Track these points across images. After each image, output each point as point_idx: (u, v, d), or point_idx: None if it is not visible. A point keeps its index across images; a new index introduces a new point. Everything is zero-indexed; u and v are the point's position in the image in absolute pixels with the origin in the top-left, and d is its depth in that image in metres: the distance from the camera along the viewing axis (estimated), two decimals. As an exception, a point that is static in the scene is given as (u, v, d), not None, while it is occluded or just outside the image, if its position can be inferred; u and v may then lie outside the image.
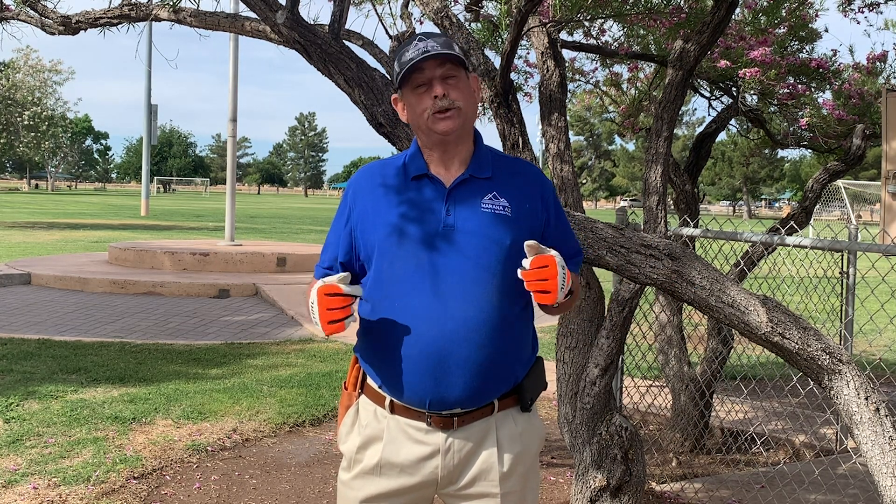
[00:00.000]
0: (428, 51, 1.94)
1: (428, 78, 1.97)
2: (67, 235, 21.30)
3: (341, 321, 1.86)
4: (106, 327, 8.71)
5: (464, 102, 1.99)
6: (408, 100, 2.01)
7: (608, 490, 3.24)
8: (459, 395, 1.95)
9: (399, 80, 2.00)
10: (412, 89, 1.99)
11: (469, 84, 2.02)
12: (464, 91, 2.00)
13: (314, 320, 1.89)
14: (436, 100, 1.96)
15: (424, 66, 1.96)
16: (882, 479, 2.22)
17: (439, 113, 1.96)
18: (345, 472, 2.08)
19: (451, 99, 1.96)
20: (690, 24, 3.86)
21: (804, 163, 63.17)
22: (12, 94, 33.24)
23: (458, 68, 1.99)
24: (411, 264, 1.96)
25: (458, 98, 1.98)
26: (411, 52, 1.96)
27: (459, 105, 1.98)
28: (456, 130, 1.99)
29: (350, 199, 2.09)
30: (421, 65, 1.95)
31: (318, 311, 1.86)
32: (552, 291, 1.85)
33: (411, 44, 1.98)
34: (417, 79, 1.97)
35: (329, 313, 1.85)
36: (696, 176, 5.53)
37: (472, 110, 2.03)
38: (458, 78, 1.99)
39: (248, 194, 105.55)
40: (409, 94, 2.00)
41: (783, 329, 2.41)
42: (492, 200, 2.01)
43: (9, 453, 4.59)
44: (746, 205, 76.25)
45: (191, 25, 3.90)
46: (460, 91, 1.99)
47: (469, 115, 2.02)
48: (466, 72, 2.02)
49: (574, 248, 2.15)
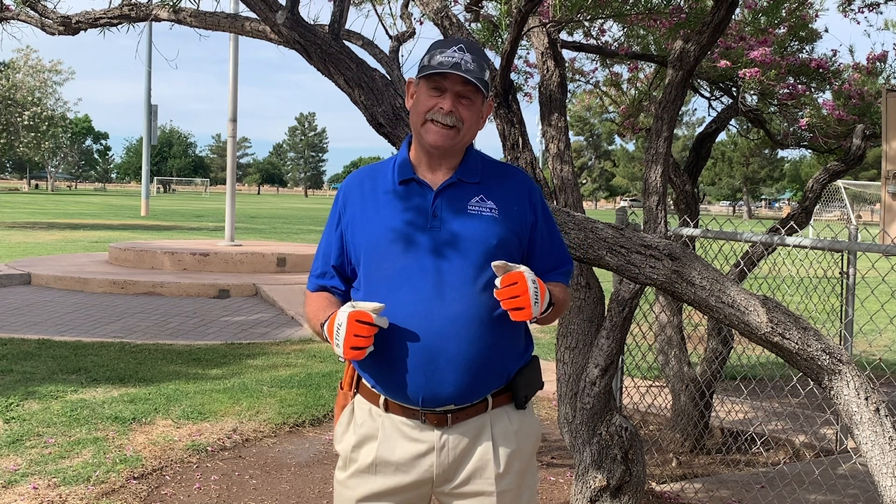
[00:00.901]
0: (460, 66, 1.96)
1: (445, 87, 1.99)
2: (67, 235, 21.30)
3: (363, 349, 1.87)
4: (106, 327, 8.71)
5: (466, 125, 2.02)
6: (419, 92, 2.04)
7: (608, 490, 3.24)
8: (451, 392, 1.96)
9: (420, 72, 2.02)
10: (427, 87, 2.01)
11: (481, 108, 2.05)
12: (473, 114, 2.03)
13: (336, 342, 1.88)
14: (440, 111, 1.98)
15: (449, 77, 1.98)
16: (882, 479, 2.22)
17: (436, 123, 1.98)
18: (341, 472, 2.09)
19: (456, 118, 1.99)
20: (690, 24, 3.86)
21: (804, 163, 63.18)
22: (12, 94, 33.22)
23: (477, 93, 2.01)
24: (399, 265, 1.98)
25: (464, 119, 2.01)
26: (447, 58, 1.98)
27: (460, 126, 2.00)
28: (444, 148, 2.02)
29: (340, 205, 2.12)
30: (447, 74, 1.98)
31: (345, 335, 1.86)
32: (525, 307, 1.87)
33: (451, 47, 2.00)
34: (437, 82, 2.00)
35: (354, 339, 1.86)
36: (696, 176, 5.53)
37: (471, 133, 2.06)
38: (473, 102, 2.02)
39: (248, 194, 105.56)
40: (423, 88, 2.02)
41: (783, 329, 2.41)
42: (479, 203, 2.03)
43: (9, 453, 4.59)
44: (746, 205, 76.25)
45: (191, 25, 3.90)
46: (470, 113, 2.02)
47: (466, 138, 2.05)
48: (484, 98, 2.04)
49: (559, 258, 2.15)
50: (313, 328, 2.08)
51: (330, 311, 2.01)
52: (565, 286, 2.15)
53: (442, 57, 1.98)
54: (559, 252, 2.16)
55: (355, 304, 1.91)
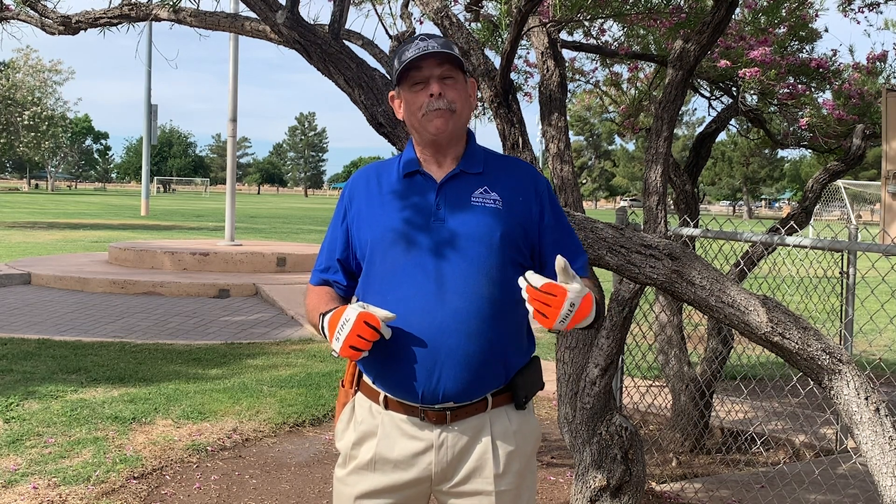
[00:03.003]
0: (428, 49, 1.96)
1: (426, 76, 1.99)
2: (67, 235, 21.30)
3: (360, 352, 1.87)
4: (106, 327, 8.71)
5: (459, 104, 2.01)
6: (405, 97, 2.03)
7: (608, 490, 3.24)
8: (451, 388, 1.95)
9: (397, 77, 2.02)
10: (409, 87, 2.01)
11: (466, 87, 2.05)
12: (460, 93, 2.02)
13: (337, 336, 1.87)
14: (431, 98, 1.98)
15: (423, 65, 1.98)
16: (882, 479, 2.22)
17: (433, 112, 1.98)
18: (340, 469, 2.10)
19: (447, 99, 1.99)
20: (690, 24, 3.86)
21: (804, 163, 63.11)
22: (12, 94, 33.23)
23: (456, 70, 2.01)
24: (402, 259, 1.98)
25: (455, 99, 2.00)
26: (411, 51, 1.98)
27: (454, 107, 2.00)
28: (448, 130, 2.01)
29: (346, 200, 2.13)
30: (419, 63, 1.98)
31: (349, 332, 1.85)
32: (549, 318, 1.80)
33: (412, 43, 2.00)
34: (415, 76, 1.99)
35: (357, 339, 1.85)
36: (696, 176, 5.53)
37: (466, 113, 2.05)
38: (456, 80, 2.01)
39: (248, 194, 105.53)
40: (406, 91, 2.02)
41: (783, 329, 2.41)
42: (482, 194, 2.03)
43: (9, 453, 4.59)
44: (746, 205, 76.23)
45: (191, 25, 3.90)
46: (457, 92, 2.01)
47: (463, 118, 2.04)
48: (465, 75, 2.04)
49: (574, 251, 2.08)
50: (311, 319, 2.07)
51: (332, 304, 2.01)
52: (593, 281, 2.11)
53: (409, 52, 1.98)
54: (573, 245, 2.11)
55: (367, 305, 1.90)
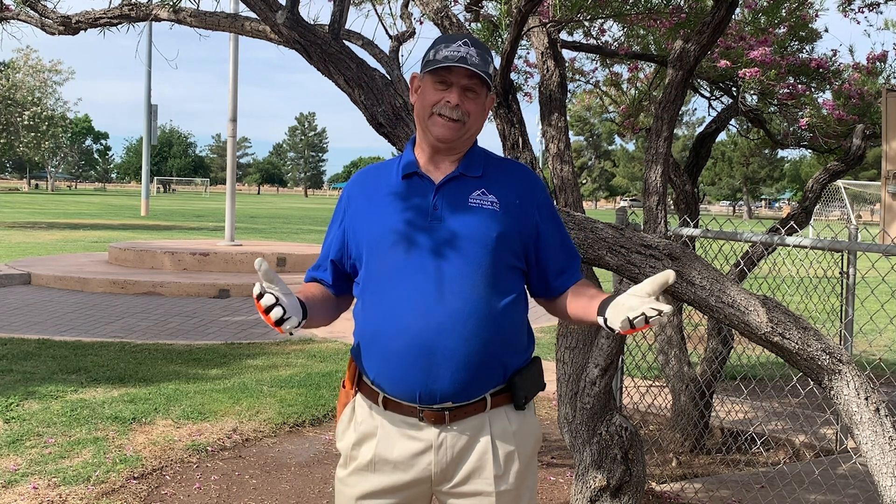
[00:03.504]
0: (466, 60, 1.97)
1: (451, 82, 2.00)
2: (67, 235, 21.30)
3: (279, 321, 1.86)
4: (106, 327, 8.71)
5: (472, 119, 2.03)
6: (424, 87, 2.04)
7: (608, 490, 3.24)
8: (448, 388, 1.95)
9: (425, 67, 2.03)
10: (433, 82, 2.02)
11: (485, 102, 2.07)
12: (478, 108, 2.04)
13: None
14: (447, 104, 1.99)
15: (454, 71, 1.99)
16: (882, 479, 2.22)
17: (443, 117, 1.99)
18: (341, 469, 2.10)
19: (463, 111, 2.00)
20: (690, 24, 3.86)
21: (804, 163, 63.12)
22: (12, 94, 33.22)
23: (482, 86, 2.02)
24: (399, 259, 1.99)
25: (470, 112, 2.01)
26: (452, 52, 1.98)
27: (466, 119, 2.01)
28: (451, 141, 2.02)
29: (345, 201, 2.15)
30: (452, 68, 1.98)
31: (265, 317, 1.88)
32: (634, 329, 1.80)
33: (456, 42, 2.01)
34: (442, 75, 2.00)
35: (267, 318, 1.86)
36: (696, 176, 5.53)
37: (476, 127, 2.07)
38: (478, 94, 2.03)
39: (248, 194, 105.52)
40: (429, 83, 2.03)
41: (783, 329, 2.41)
42: (480, 197, 2.04)
43: (9, 453, 4.59)
44: (746, 205, 76.23)
45: (191, 25, 3.90)
46: (475, 107, 2.03)
47: (472, 131, 2.06)
48: (488, 91, 2.06)
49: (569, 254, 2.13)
50: None
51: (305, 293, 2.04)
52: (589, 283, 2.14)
53: (447, 51, 1.99)
54: (568, 247, 2.15)
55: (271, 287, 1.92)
